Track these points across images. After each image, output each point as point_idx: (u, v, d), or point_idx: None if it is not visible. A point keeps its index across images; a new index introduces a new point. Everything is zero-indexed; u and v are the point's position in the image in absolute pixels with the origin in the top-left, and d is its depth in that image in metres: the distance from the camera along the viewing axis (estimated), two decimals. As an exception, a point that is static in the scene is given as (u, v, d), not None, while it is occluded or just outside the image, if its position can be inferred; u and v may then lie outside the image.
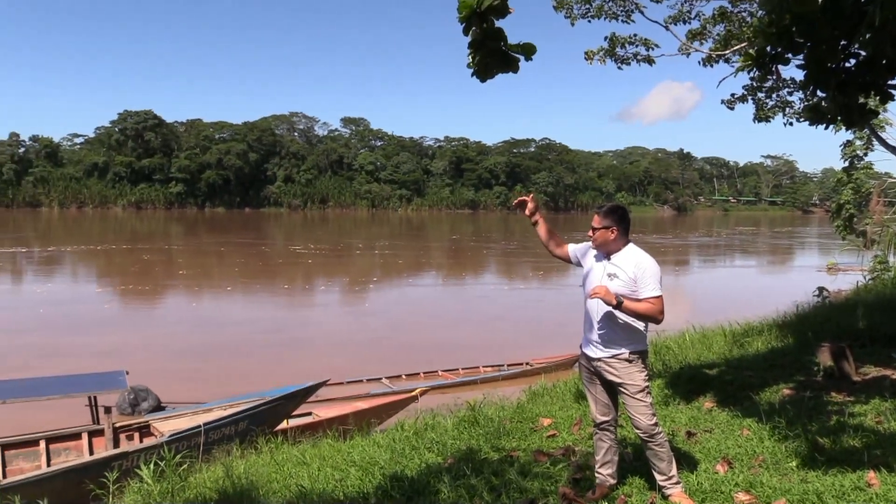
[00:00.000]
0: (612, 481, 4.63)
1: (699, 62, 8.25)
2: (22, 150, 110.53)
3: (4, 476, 8.07)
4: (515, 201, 4.86)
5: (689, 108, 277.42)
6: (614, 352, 4.39)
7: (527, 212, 4.79)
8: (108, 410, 8.82)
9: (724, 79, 7.72)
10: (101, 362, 13.63)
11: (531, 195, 4.83)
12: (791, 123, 9.64)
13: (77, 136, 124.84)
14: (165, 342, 17.70)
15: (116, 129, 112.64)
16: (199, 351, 16.94)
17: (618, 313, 4.31)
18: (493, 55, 2.83)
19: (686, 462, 5.03)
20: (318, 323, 21.55)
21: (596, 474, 4.67)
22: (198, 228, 70.92)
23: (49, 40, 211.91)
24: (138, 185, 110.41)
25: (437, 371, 15.01)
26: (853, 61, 3.49)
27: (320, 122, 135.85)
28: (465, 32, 2.80)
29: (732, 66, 8.11)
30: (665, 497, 4.37)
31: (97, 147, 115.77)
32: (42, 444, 8.77)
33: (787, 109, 9.67)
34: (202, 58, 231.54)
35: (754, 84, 8.91)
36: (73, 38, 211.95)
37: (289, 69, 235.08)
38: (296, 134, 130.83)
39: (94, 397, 9.10)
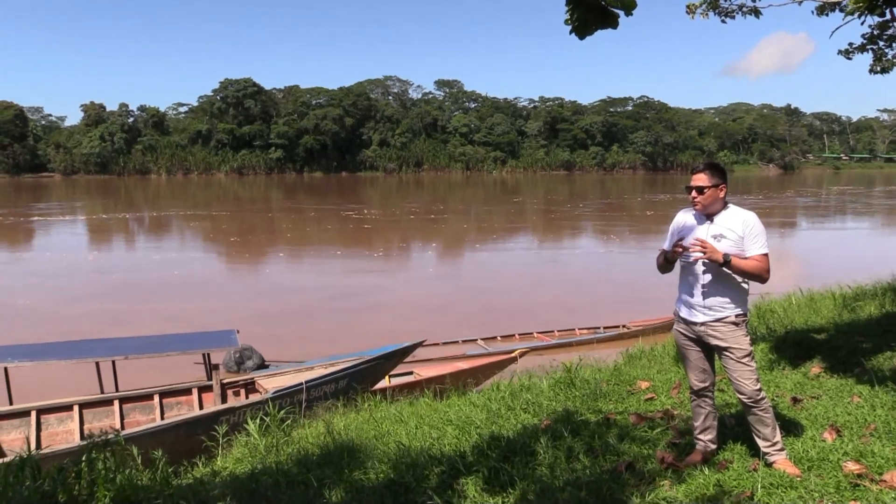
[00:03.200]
0: (713, 447, 4.53)
1: (812, 11, 7.74)
2: (131, 119, 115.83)
3: (123, 428, 8.56)
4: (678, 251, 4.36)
5: (799, 61, 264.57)
6: (720, 315, 4.25)
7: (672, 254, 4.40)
8: (216, 367, 9.20)
9: (837, 28, 7.22)
10: (177, 325, 14.17)
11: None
12: (909, 74, 8.97)
13: (181, 105, 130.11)
14: (249, 306, 17.98)
15: (218, 98, 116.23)
16: (282, 314, 17.30)
17: (727, 274, 4.19)
18: (591, 11, 2.74)
19: (791, 429, 4.87)
20: (410, 286, 21.83)
21: (695, 440, 4.57)
22: (295, 193, 72.78)
23: (152, 11, 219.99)
24: (240, 152, 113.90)
25: (532, 333, 15.01)
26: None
27: (414, 85, 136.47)
28: (563, -11, 2.72)
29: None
30: (769, 464, 4.25)
31: (200, 115, 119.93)
32: (156, 398, 9.26)
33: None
34: (298, 24, 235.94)
35: (874, 32, 8.31)
36: (175, 8, 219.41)
37: (382, 33, 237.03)
38: (390, 98, 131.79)
39: (208, 354, 9.48)
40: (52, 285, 20.99)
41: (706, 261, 4.19)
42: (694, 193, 4.30)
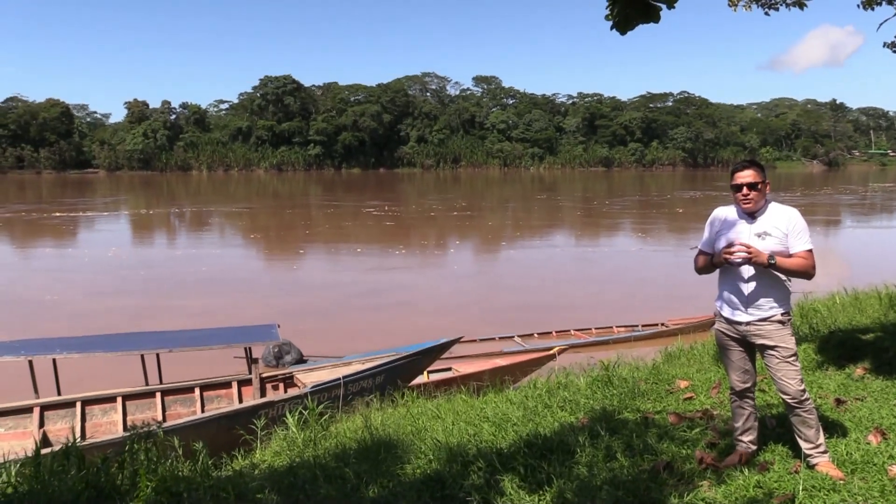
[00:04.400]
0: (754, 447, 4.46)
1: (858, 5, 7.54)
2: (173, 116, 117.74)
3: (164, 420, 8.70)
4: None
5: (846, 55, 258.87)
6: (766, 314, 4.18)
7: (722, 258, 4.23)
8: (254, 361, 9.29)
9: (885, 21, 7.06)
10: (203, 321, 14.20)
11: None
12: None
13: (222, 101, 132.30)
14: (277, 302, 17.92)
15: (258, 95, 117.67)
16: (311, 311, 17.29)
17: (771, 272, 4.12)
18: (633, 5, 2.72)
19: (834, 431, 4.78)
20: (444, 282, 21.82)
21: (735, 441, 4.51)
22: (333, 190, 73.20)
23: (194, 9, 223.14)
24: (279, 148, 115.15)
25: (569, 330, 14.92)
26: None
27: (452, 81, 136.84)
28: (604, -16, 2.70)
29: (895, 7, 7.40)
30: (811, 466, 4.17)
31: (241, 112, 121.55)
32: (197, 391, 9.38)
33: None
34: (337, 21, 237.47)
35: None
36: (215, 6, 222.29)
37: (420, 29, 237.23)
38: (428, 94, 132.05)
39: (250, 348, 9.55)
40: (81, 280, 21.31)
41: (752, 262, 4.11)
42: (745, 191, 4.17)
